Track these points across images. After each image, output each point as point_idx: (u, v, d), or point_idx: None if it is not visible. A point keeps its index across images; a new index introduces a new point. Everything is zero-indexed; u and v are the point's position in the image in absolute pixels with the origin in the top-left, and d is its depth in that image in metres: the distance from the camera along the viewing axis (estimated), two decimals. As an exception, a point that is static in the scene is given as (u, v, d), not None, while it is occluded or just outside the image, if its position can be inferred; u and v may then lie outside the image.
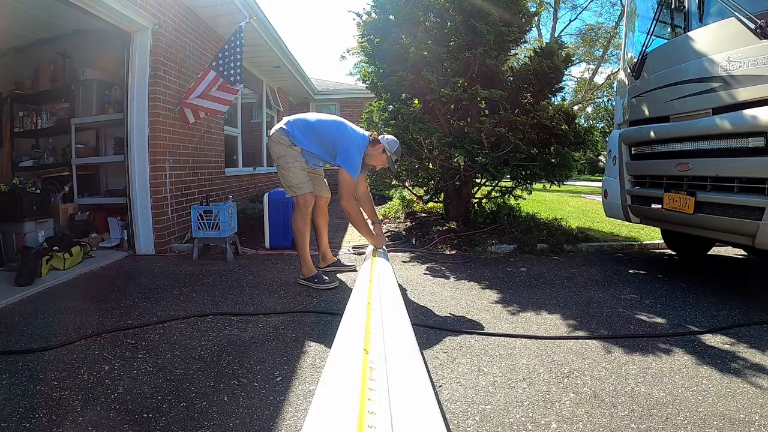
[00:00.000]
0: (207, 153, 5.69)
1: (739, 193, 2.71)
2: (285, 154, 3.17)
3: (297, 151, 3.17)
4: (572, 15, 34.09)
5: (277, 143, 3.18)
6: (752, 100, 2.59)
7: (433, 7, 4.84)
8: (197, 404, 1.69)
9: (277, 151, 3.21)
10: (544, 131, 4.77)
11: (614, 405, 1.69)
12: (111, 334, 2.39)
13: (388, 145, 3.24)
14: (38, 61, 5.47)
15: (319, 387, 1.10)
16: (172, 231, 4.73)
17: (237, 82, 4.67)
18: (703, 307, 2.82)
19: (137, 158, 4.44)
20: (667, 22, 3.52)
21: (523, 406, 1.69)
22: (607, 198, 4.06)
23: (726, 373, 1.94)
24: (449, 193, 5.51)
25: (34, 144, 5.56)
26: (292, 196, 3.25)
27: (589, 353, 2.16)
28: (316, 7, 76.17)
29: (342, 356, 1.28)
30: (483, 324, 2.56)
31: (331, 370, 1.20)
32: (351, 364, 1.17)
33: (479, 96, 4.45)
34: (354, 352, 1.27)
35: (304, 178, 3.20)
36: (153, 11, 4.36)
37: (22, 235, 3.90)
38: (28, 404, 1.68)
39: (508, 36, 4.59)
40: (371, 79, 5.33)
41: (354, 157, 3.06)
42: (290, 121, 3.20)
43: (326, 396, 1.03)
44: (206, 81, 4.70)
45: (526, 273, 3.74)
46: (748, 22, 2.60)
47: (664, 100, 3.28)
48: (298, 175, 3.17)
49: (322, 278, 3.28)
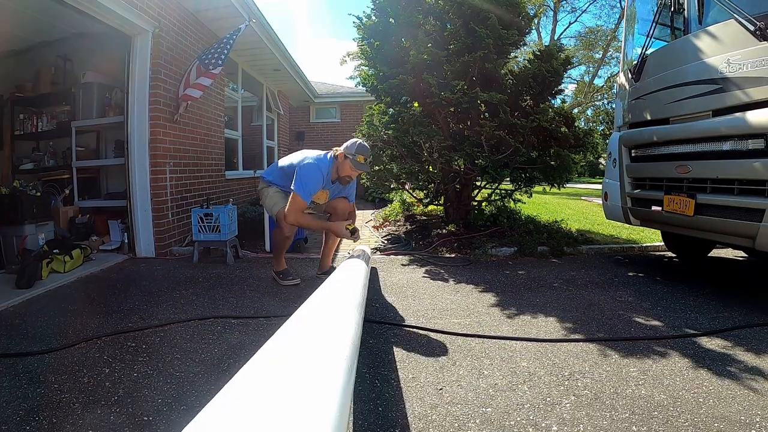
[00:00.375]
0: (207, 156, 5.70)
1: (739, 195, 2.71)
2: (261, 190, 3.59)
3: (273, 189, 3.47)
4: (571, 18, 34.16)
5: (259, 186, 3.64)
6: (752, 102, 2.60)
7: (433, 10, 4.85)
8: (198, 407, 1.68)
9: (258, 190, 3.67)
10: (544, 134, 4.77)
11: (615, 407, 1.68)
12: (111, 336, 2.39)
13: (346, 149, 3.28)
14: (39, 64, 5.48)
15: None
16: (172, 234, 4.73)
17: (211, 65, 4.62)
18: (703, 309, 2.82)
19: (138, 161, 4.44)
20: (667, 24, 3.53)
21: (523, 408, 1.69)
22: (607, 200, 4.06)
23: (727, 375, 1.94)
24: (449, 196, 5.51)
25: (34, 147, 5.56)
26: (273, 216, 3.58)
27: (589, 356, 2.16)
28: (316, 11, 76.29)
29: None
30: (483, 327, 2.56)
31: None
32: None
33: (479, 99, 4.46)
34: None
35: (277, 200, 3.44)
36: (154, 14, 4.37)
37: (23, 238, 3.90)
38: (29, 407, 1.68)
39: (508, 39, 4.60)
40: (371, 82, 5.34)
41: (305, 180, 3.16)
42: (267, 169, 3.81)
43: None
44: (187, 71, 4.74)
45: (527, 276, 3.74)
46: (748, 24, 2.61)
47: (664, 103, 3.28)
48: (272, 198, 3.47)
49: (287, 274, 3.53)
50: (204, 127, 5.58)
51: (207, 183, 5.65)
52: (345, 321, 1.28)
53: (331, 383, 0.83)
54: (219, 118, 6.16)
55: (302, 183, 3.15)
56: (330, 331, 1.15)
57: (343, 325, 1.23)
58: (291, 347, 1.01)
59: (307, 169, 3.18)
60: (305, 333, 1.11)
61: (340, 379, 0.87)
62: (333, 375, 0.87)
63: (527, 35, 5.24)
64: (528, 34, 5.28)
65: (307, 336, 1.09)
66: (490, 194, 5.86)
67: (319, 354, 0.98)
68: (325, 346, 1.03)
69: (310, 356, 0.96)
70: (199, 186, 5.40)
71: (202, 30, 5.47)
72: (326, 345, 1.04)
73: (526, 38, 5.30)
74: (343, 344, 1.07)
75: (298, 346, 1.02)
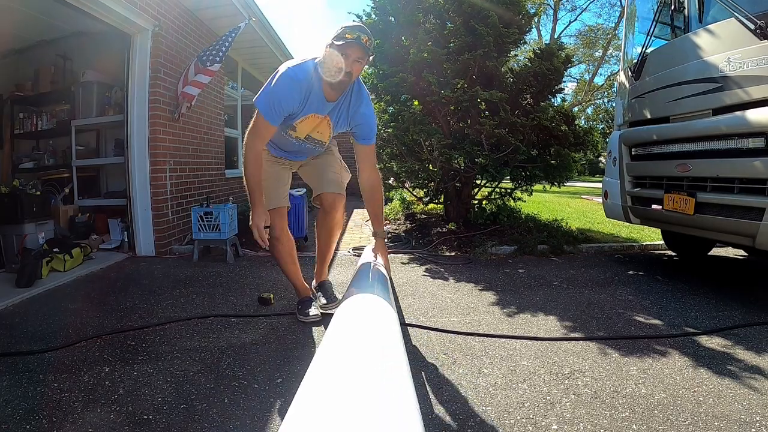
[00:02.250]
0: (207, 154, 5.69)
1: (740, 194, 2.71)
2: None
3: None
4: (572, 16, 34.30)
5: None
6: (752, 101, 2.60)
7: (433, 8, 4.85)
8: (197, 406, 1.69)
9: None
10: (544, 132, 4.77)
11: (615, 406, 1.68)
12: (111, 335, 2.39)
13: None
14: (39, 63, 5.47)
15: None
16: (172, 233, 4.73)
17: (208, 62, 4.56)
18: (703, 308, 2.82)
19: (137, 160, 4.44)
20: (667, 23, 3.52)
21: (524, 407, 1.69)
22: (607, 199, 4.06)
23: (727, 374, 1.94)
24: (449, 194, 5.51)
25: (34, 146, 5.56)
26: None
27: (589, 354, 2.16)
28: (316, 10, 76.23)
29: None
30: (483, 325, 2.56)
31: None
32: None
33: (479, 97, 4.46)
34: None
35: (269, 191, 2.43)
36: (153, 13, 4.36)
37: (23, 237, 3.90)
38: (28, 406, 1.68)
39: (508, 37, 4.60)
40: (371, 81, 5.34)
41: (271, 90, 2.13)
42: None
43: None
44: (186, 69, 4.73)
45: (527, 274, 3.74)
46: (748, 22, 2.61)
47: (664, 101, 3.28)
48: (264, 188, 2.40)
49: (306, 305, 2.64)
50: (204, 126, 5.57)
51: (207, 182, 5.65)
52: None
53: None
54: (219, 117, 6.15)
55: (266, 93, 2.13)
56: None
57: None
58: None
59: (277, 78, 2.13)
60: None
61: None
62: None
63: (527, 34, 5.24)
64: (528, 33, 5.28)
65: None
66: (490, 193, 5.86)
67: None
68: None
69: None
70: (199, 185, 5.39)
71: (201, 29, 5.47)
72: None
73: (527, 37, 5.31)
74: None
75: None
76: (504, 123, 4.48)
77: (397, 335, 1.26)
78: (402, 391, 0.89)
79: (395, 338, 1.21)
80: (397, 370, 0.99)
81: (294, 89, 2.13)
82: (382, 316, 1.36)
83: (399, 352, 1.12)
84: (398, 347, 1.15)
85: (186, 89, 4.68)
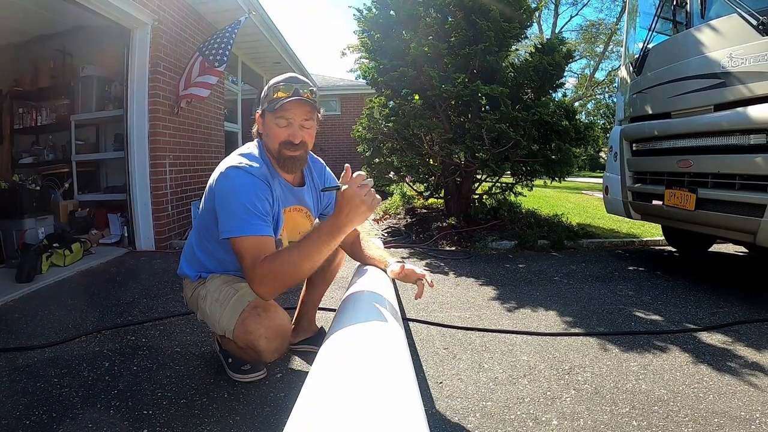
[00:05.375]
0: (207, 149, 5.68)
1: (741, 190, 2.70)
2: (190, 299, 2.04)
3: (206, 285, 1.94)
4: (573, 11, 34.17)
5: (185, 292, 2.17)
6: (754, 97, 2.58)
7: (434, 3, 4.82)
8: (197, 401, 1.69)
9: (187, 301, 2.08)
10: (545, 127, 4.76)
11: (615, 402, 1.69)
12: (111, 330, 2.39)
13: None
14: (38, 57, 5.45)
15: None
16: (172, 227, 4.72)
17: (216, 62, 4.49)
18: (703, 304, 2.82)
19: (137, 155, 4.43)
20: (669, 18, 3.50)
21: (524, 402, 1.69)
22: (608, 194, 4.05)
23: (727, 370, 1.94)
24: (450, 189, 5.50)
25: (33, 141, 5.55)
26: (230, 336, 1.69)
27: (589, 350, 2.16)
28: (316, 4, 75.92)
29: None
30: (483, 320, 2.56)
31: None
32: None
33: (480, 92, 4.44)
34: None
35: (225, 297, 1.71)
36: (153, 7, 4.34)
37: (23, 232, 3.90)
38: (28, 401, 1.68)
39: (509, 32, 4.57)
40: (372, 75, 5.32)
41: (235, 197, 1.54)
42: (182, 253, 2.31)
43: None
44: (189, 66, 4.67)
45: (527, 269, 3.74)
46: (751, 18, 2.59)
47: (665, 97, 3.27)
48: (212, 303, 1.80)
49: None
50: (204, 121, 5.56)
51: (207, 176, 5.60)
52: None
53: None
54: (219, 112, 6.14)
55: (233, 207, 1.52)
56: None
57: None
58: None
59: (227, 179, 1.59)
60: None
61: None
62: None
63: (528, 28, 5.21)
64: (529, 27, 5.25)
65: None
66: (491, 187, 5.85)
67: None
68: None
69: None
70: (199, 179, 5.38)
71: (201, 23, 5.44)
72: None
73: (528, 31, 5.27)
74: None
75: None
76: (505, 118, 4.46)
77: (400, 331, 1.27)
78: (405, 388, 0.89)
79: (397, 334, 1.22)
80: (399, 366, 1.00)
81: (259, 186, 1.56)
82: (385, 311, 1.36)
83: (401, 348, 1.13)
84: (400, 343, 1.16)
85: (193, 90, 4.60)
